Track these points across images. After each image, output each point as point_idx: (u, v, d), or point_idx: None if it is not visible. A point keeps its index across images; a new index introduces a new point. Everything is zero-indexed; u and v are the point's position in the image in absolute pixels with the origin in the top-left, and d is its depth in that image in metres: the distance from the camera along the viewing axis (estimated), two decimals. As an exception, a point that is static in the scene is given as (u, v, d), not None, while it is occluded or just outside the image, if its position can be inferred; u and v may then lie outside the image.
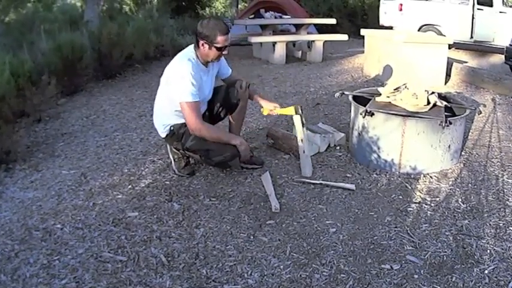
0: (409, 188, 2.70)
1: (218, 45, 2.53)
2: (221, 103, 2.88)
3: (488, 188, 2.70)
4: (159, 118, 2.76)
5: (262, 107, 2.99)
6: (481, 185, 2.74)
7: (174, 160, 2.87)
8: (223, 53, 2.59)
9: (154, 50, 6.97)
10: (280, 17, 9.32)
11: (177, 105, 2.57)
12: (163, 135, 2.77)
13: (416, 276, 1.91)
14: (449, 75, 5.78)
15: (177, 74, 2.54)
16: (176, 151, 2.83)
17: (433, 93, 3.07)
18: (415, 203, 2.53)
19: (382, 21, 9.80)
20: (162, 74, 2.68)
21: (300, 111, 2.86)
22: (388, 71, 5.33)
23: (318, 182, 2.74)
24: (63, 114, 4.39)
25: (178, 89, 2.52)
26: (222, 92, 2.87)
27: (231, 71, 2.98)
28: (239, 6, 17.38)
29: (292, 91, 5.09)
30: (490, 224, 2.30)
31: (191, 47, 2.65)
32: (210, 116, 2.91)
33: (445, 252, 2.07)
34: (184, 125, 2.65)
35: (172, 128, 2.69)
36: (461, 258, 2.03)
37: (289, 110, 2.88)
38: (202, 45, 2.53)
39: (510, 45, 6.14)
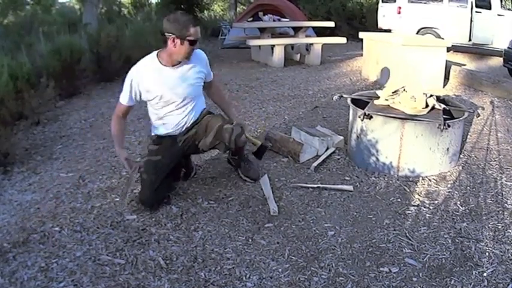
0: (408, 190, 2.70)
1: (191, 38, 2.36)
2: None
3: (487, 190, 2.70)
4: None
5: None
6: (480, 187, 2.75)
7: None
8: (194, 47, 2.42)
9: (153, 52, 6.98)
10: (279, 20, 9.35)
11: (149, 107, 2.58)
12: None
13: (415, 279, 1.91)
14: (448, 78, 5.80)
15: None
16: None
17: (431, 96, 3.07)
18: (414, 205, 2.53)
19: (381, 24, 9.83)
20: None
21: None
22: (386, 74, 5.34)
23: (315, 185, 2.74)
24: (61, 116, 4.39)
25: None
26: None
27: (212, 75, 2.75)
28: (237, 9, 17.43)
29: (291, 94, 5.09)
30: (488, 227, 2.30)
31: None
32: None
33: (444, 255, 2.07)
34: (153, 141, 2.63)
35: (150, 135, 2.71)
36: (460, 261, 2.03)
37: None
38: (173, 41, 2.35)
39: (508, 48, 6.16)
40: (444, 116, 2.88)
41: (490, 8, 8.05)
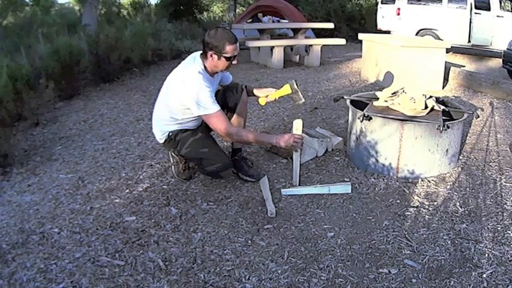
0: (407, 192, 2.70)
1: (227, 55, 2.47)
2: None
3: (486, 191, 2.71)
4: (157, 124, 2.74)
5: (258, 99, 2.95)
6: (479, 188, 2.75)
7: (173, 164, 2.87)
8: (233, 62, 2.55)
9: (152, 54, 6.98)
10: (278, 22, 9.36)
11: (175, 113, 2.58)
12: (161, 141, 2.76)
13: (414, 280, 1.91)
14: (447, 80, 5.81)
15: (193, 89, 2.43)
16: (175, 155, 2.83)
17: (430, 97, 3.08)
18: (413, 207, 2.53)
19: (380, 25, 9.85)
20: (160, 79, 2.67)
21: (296, 86, 2.84)
22: (385, 75, 5.35)
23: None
24: (60, 118, 4.38)
25: (200, 104, 2.43)
26: (219, 97, 2.83)
27: (231, 78, 2.93)
28: (237, 10, 17.45)
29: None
30: (488, 228, 2.30)
31: (197, 57, 2.57)
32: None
33: (443, 256, 2.07)
34: (181, 131, 2.65)
35: (170, 134, 2.68)
36: (459, 262, 2.03)
37: (285, 90, 2.86)
38: (211, 55, 2.47)
39: (508, 49, 6.17)
40: (443, 117, 2.88)
41: (489, 9, 8.07)
